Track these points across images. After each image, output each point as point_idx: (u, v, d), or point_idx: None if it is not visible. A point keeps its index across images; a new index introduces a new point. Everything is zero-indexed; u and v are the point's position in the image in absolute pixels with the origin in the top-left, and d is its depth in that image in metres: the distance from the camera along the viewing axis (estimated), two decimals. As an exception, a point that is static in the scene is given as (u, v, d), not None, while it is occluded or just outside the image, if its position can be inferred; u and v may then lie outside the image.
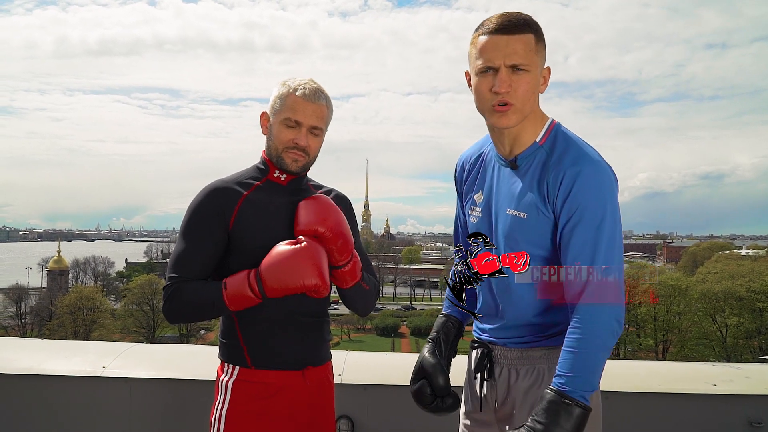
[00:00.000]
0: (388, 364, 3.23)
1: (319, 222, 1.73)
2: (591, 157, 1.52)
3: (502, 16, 1.51)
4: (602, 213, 1.47)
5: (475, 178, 1.75)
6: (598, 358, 1.44)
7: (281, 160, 1.81)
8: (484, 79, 1.53)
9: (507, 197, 1.61)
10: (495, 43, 1.50)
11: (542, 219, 1.54)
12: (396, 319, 61.59)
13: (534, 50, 1.51)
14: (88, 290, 50.21)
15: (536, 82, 1.55)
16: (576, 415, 1.39)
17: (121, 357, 2.99)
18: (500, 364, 1.69)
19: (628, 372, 3.18)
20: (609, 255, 1.47)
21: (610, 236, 1.47)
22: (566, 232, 1.50)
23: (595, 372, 1.44)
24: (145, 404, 2.86)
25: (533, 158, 1.59)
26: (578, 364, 1.43)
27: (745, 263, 51.15)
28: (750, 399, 2.86)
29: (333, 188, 2.00)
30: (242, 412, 1.73)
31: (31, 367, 2.90)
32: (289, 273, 1.65)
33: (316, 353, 1.85)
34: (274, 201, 1.80)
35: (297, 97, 1.76)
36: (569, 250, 1.49)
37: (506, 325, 1.67)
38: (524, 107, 1.54)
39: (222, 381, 1.79)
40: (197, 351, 3.44)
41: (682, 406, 2.86)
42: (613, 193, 1.50)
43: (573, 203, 1.48)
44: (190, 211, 1.78)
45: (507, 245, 1.60)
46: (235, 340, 1.78)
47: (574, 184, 1.48)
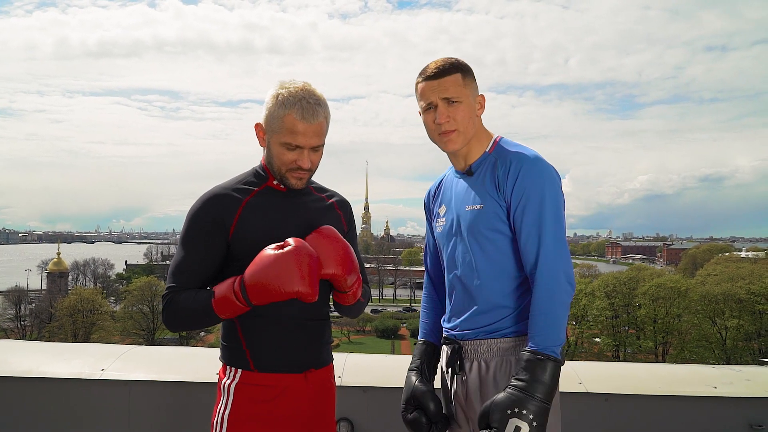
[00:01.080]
0: (388, 367, 3.22)
1: (332, 264, 1.70)
2: (534, 154, 1.79)
3: (434, 63, 1.84)
4: (542, 195, 1.73)
5: (439, 197, 2.01)
6: (558, 314, 1.65)
7: (285, 180, 1.79)
8: (428, 115, 1.85)
9: (466, 198, 1.86)
10: (430, 86, 1.82)
11: (496, 206, 1.78)
12: (396, 321, 61.54)
13: (462, 85, 1.82)
14: (88, 292, 50.11)
15: (471, 109, 1.84)
16: (550, 368, 1.60)
17: (120, 359, 2.98)
18: (470, 358, 1.82)
19: (628, 374, 3.18)
20: (553, 228, 1.72)
21: (553, 213, 1.73)
22: (517, 214, 1.75)
23: (559, 327, 1.65)
24: (145, 407, 2.85)
25: (485, 164, 1.86)
26: (543, 323, 1.64)
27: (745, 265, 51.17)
28: (750, 401, 2.86)
29: (335, 191, 2.00)
30: (245, 415, 1.73)
31: (31, 370, 2.90)
32: (273, 280, 1.59)
33: (317, 356, 1.84)
34: (274, 207, 1.79)
35: (295, 119, 1.69)
36: (522, 229, 1.74)
37: (477, 311, 1.81)
38: (466, 130, 1.83)
39: (224, 384, 1.78)
40: (197, 353, 3.44)
41: (682, 408, 2.86)
42: (552, 178, 1.77)
43: (519, 189, 1.75)
44: (189, 219, 1.76)
45: (470, 235, 1.81)
46: (237, 343, 1.78)
47: (519, 174, 1.75)
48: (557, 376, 1.62)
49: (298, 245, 1.63)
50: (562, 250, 1.71)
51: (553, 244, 1.70)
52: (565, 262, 1.71)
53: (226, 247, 1.74)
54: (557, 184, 1.78)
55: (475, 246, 1.81)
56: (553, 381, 1.60)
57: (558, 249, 1.70)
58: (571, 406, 2.02)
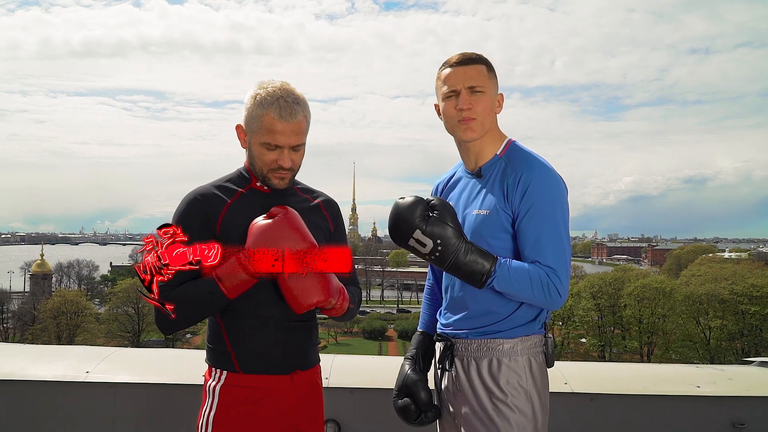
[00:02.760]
0: (375, 368, 3.22)
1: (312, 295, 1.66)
2: (543, 164, 1.82)
3: (460, 54, 1.87)
4: (552, 207, 1.77)
5: (447, 194, 2.02)
6: (524, 287, 1.72)
7: (267, 180, 1.79)
8: (449, 102, 1.87)
9: (473, 201, 1.88)
10: (456, 73, 1.86)
11: (502, 215, 1.80)
12: (383, 323, 61.48)
13: (487, 77, 1.86)
14: (72, 294, 49.55)
15: (492, 102, 1.87)
16: (474, 261, 1.71)
17: (105, 362, 2.96)
18: (461, 356, 1.85)
19: (613, 374, 3.21)
20: (557, 242, 1.75)
21: (557, 222, 1.76)
22: (523, 224, 1.77)
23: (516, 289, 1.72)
24: (130, 409, 2.83)
25: (495, 167, 1.87)
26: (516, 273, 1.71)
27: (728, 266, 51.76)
28: (733, 400, 2.90)
29: (321, 192, 1.99)
30: (230, 417, 1.72)
31: (13, 373, 2.86)
32: (275, 243, 1.61)
33: (304, 357, 1.84)
34: (257, 208, 1.77)
35: (273, 118, 1.70)
36: (526, 238, 1.77)
37: (469, 315, 1.85)
38: (484, 121, 1.85)
39: (209, 386, 1.77)
40: (182, 355, 3.42)
41: (666, 407, 2.89)
42: (561, 191, 1.81)
43: (528, 200, 1.77)
44: (176, 220, 1.75)
45: (472, 239, 1.80)
46: (222, 344, 1.77)
47: (529, 185, 1.77)
48: (468, 269, 1.71)
49: (286, 211, 1.68)
50: (563, 255, 1.75)
51: (556, 256, 1.74)
52: (566, 265, 1.75)
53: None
54: (564, 198, 1.82)
55: None
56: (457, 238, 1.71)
57: (559, 257, 1.74)
58: (557, 406, 2.03)
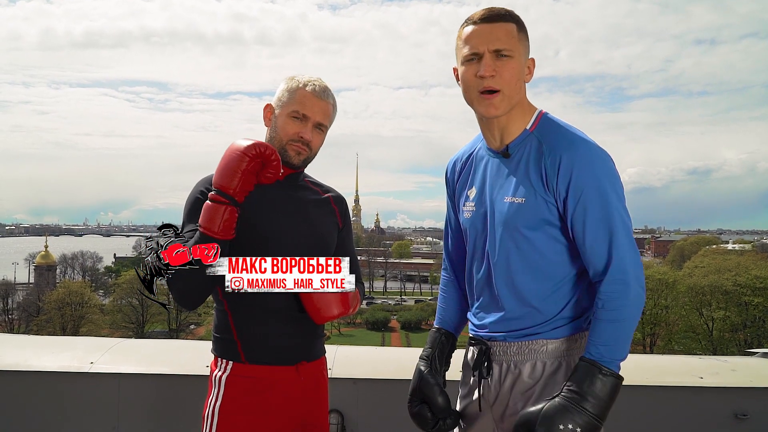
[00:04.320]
0: (378, 359, 3.23)
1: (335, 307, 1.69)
2: (584, 140, 1.56)
3: (486, 9, 1.59)
4: (605, 190, 1.51)
5: (467, 176, 1.76)
6: (629, 326, 1.50)
7: (284, 152, 1.81)
8: (470, 67, 1.58)
9: (503, 186, 1.62)
10: (479, 32, 1.56)
11: (540, 203, 1.56)
12: (386, 314, 61.66)
13: (516, 38, 1.57)
14: (76, 285, 49.80)
15: (521, 70, 1.59)
16: (611, 383, 1.45)
17: (109, 352, 2.97)
18: (499, 361, 1.65)
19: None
20: (623, 227, 1.52)
21: (618, 211, 1.52)
22: (578, 216, 1.53)
23: (628, 341, 1.51)
24: (134, 400, 2.85)
25: (525, 145, 1.60)
26: (612, 333, 1.48)
27: (732, 257, 51.63)
28: (736, 391, 2.90)
29: (331, 187, 2.01)
30: (235, 407, 1.73)
31: (19, 363, 2.88)
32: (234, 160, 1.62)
33: (309, 348, 1.85)
34: (268, 196, 1.79)
35: (306, 92, 1.81)
36: (586, 234, 1.53)
37: (507, 316, 1.63)
38: (511, 94, 1.57)
39: (215, 376, 1.78)
40: (186, 346, 3.43)
41: (668, 398, 2.89)
42: (611, 169, 1.54)
43: (577, 186, 1.51)
44: (190, 202, 1.77)
45: (506, 231, 1.60)
46: (229, 334, 1.78)
47: (574, 167, 1.51)
48: (616, 394, 1.46)
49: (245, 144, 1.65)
50: (635, 253, 1.53)
51: (626, 246, 1.51)
52: (639, 265, 1.53)
53: None
54: (615, 173, 1.55)
55: (510, 243, 1.60)
56: (610, 398, 1.45)
57: (632, 252, 1.52)
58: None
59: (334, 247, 1.91)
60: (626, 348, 1.51)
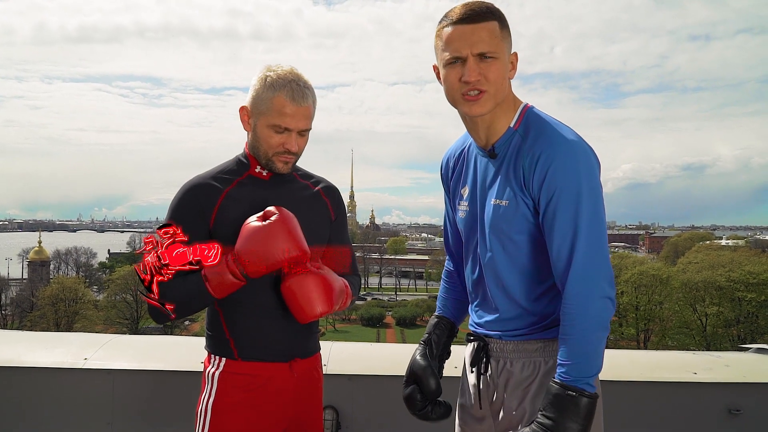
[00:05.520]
0: (373, 355, 3.24)
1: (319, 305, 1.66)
2: (565, 137, 1.50)
3: (465, 6, 1.51)
4: (578, 192, 1.45)
5: (460, 173, 1.74)
6: (593, 340, 1.44)
7: (271, 164, 1.76)
8: (452, 70, 1.52)
9: (490, 187, 1.61)
10: (460, 33, 1.49)
11: (522, 205, 1.53)
12: (381, 310, 61.71)
13: (499, 37, 1.51)
14: (70, 281, 49.63)
15: (505, 68, 1.54)
16: (583, 405, 1.40)
17: (103, 348, 2.96)
18: (496, 357, 1.66)
19: (610, 361, 3.19)
20: (590, 233, 1.45)
21: (590, 214, 1.46)
22: (548, 216, 1.49)
23: (595, 355, 1.45)
24: (128, 396, 2.84)
25: (510, 144, 1.58)
26: (575, 350, 1.43)
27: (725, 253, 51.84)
28: (729, 387, 2.91)
29: (322, 178, 1.97)
30: (228, 404, 1.72)
31: (12, 359, 2.87)
32: (267, 247, 1.59)
33: (303, 345, 1.83)
34: (256, 196, 1.76)
35: (285, 100, 1.67)
36: (553, 234, 1.48)
37: (500, 317, 1.64)
38: (497, 93, 1.53)
39: (208, 372, 1.77)
40: (181, 342, 3.43)
41: (662, 394, 2.90)
42: (590, 170, 1.48)
43: (550, 186, 1.47)
44: (171, 210, 1.74)
45: (492, 233, 1.59)
46: (221, 331, 1.77)
47: (549, 167, 1.47)
48: (593, 413, 1.41)
49: (280, 214, 1.63)
50: (601, 260, 1.45)
51: (589, 255, 1.44)
52: (604, 273, 1.45)
53: (207, 236, 1.71)
54: (595, 176, 1.49)
55: (498, 246, 1.59)
56: (586, 420, 1.40)
57: (597, 260, 1.45)
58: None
59: (326, 241, 1.89)
60: (597, 362, 1.45)
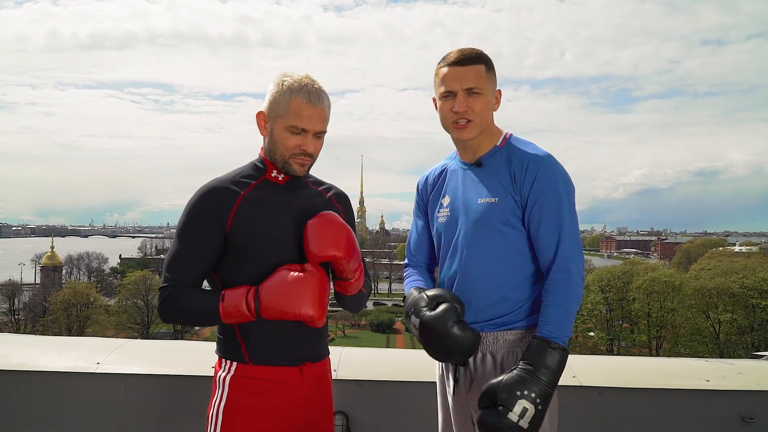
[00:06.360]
0: (383, 360, 3.23)
1: (333, 246, 1.71)
2: (545, 153, 1.86)
3: (459, 51, 1.86)
4: (561, 194, 1.81)
5: (441, 187, 2.02)
6: (572, 308, 1.76)
7: (288, 166, 1.79)
8: (446, 102, 1.87)
9: (476, 190, 1.89)
10: (453, 73, 1.85)
11: (511, 202, 1.83)
12: (391, 315, 61.58)
13: (485, 77, 1.85)
14: (82, 286, 50.02)
15: (489, 103, 1.88)
16: (559, 356, 1.68)
17: (115, 353, 2.98)
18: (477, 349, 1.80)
19: (622, 368, 3.20)
20: (571, 226, 1.81)
21: (569, 212, 1.81)
22: (535, 212, 1.81)
23: (571, 321, 1.75)
24: (140, 400, 2.85)
25: (496, 157, 1.89)
26: (557, 314, 1.73)
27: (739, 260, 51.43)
28: (742, 394, 2.88)
29: (333, 185, 2.00)
30: (239, 408, 1.73)
31: (25, 363, 2.89)
32: (288, 299, 1.66)
33: (313, 349, 1.84)
34: (272, 200, 1.79)
35: (301, 102, 1.73)
36: (540, 226, 1.81)
37: (482, 305, 1.85)
38: (482, 122, 1.86)
39: (219, 377, 1.78)
40: (192, 347, 3.44)
41: (675, 401, 2.87)
42: (567, 176, 1.84)
43: (538, 187, 1.80)
44: (187, 212, 1.76)
45: (482, 228, 1.84)
46: (233, 336, 1.78)
47: (538, 172, 1.81)
48: (563, 364, 1.69)
49: (315, 271, 1.69)
50: (578, 248, 1.81)
51: (570, 242, 1.79)
52: (581, 259, 1.80)
53: (223, 240, 1.74)
54: (571, 185, 1.85)
55: (486, 238, 1.84)
56: (559, 368, 1.67)
57: (575, 246, 1.80)
58: (565, 399, 2.03)
59: None
60: (570, 327, 1.75)
